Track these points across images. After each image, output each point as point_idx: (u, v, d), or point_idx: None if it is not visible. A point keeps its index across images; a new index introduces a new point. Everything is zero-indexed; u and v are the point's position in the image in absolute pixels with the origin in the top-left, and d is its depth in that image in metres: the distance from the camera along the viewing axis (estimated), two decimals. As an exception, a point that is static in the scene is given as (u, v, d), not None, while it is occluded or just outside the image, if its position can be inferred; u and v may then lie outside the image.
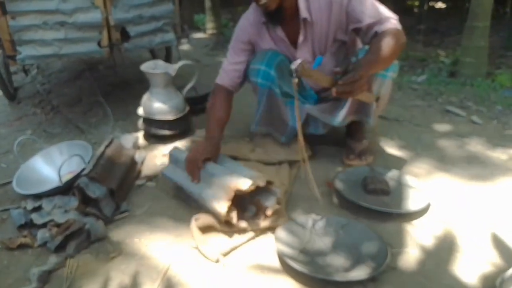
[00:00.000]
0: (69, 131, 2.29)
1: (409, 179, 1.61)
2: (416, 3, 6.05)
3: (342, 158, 1.82)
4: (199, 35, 5.07)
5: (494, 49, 3.76)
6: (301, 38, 1.64)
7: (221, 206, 1.32)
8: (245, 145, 1.89)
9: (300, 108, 1.73)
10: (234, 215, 1.33)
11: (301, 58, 1.39)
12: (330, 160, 1.83)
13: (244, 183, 1.33)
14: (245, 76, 1.76)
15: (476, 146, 1.96)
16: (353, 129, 1.85)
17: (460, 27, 4.22)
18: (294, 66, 1.24)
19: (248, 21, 1.72)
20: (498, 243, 1.29)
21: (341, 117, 1.63)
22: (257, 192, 1.39)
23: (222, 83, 1.74)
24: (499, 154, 1.87)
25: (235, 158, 1.78)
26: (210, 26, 5.00)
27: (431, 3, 6.02)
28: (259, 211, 1.39)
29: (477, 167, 1.75)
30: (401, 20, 1.50)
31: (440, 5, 6.37)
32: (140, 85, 2.79)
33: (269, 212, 1.35)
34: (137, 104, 2.11)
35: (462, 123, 2.23)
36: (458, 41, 3.95)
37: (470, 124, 2.23)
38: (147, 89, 2.06)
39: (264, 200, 1.39)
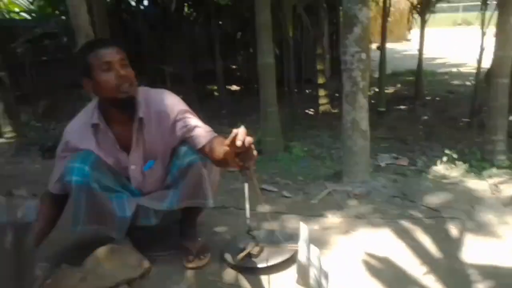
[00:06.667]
0: None
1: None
2: (215, 87, 6.79)
3: (183, 261, 1.83)
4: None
5: (285, 124, 4.52)
6: (134, 139, 1.70)
7: None
8: (73, 274, 1.68)
9: (129, 200, 1.76)
10: None
11: (133, 164, 1.69)
12: (170, 266, 1.82)
13: None
14: None
15: (292, 221, 2.22)
16: (186, 228, 1.93)
17: (254, 107, 4.93)
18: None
19: (74, 127, 1.74)
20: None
21: (170, 202, 1.74)
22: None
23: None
24: (313, 225, 2.16)
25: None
26: (7, 129, 4.39)
27: (227, 86, 6.87)
28: None
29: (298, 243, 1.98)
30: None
31: (235, 87, 7.34)
32: None
33: None
34: None
35: (277, 199, 2.55)
36: (257, 120, 4.60)
37: (282, 199, 2.56)
38: None
39: None
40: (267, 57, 3.42)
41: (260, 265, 1.76)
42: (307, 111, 5.54)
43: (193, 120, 1.73)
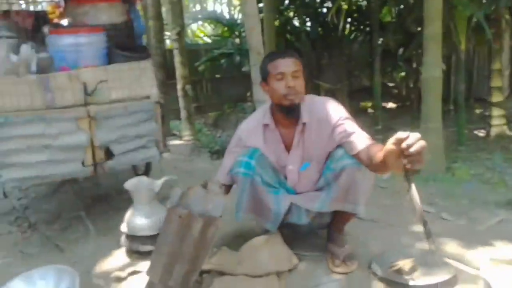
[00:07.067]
0: (47, 250, 2.19)
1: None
2: (369, 104, 6.64)
3: (328, 264, 1.86)
4: (175, 141, 5.27)
5: (448, 144, 4.13)
6: (295, 141, 1.82)
7: None
8: (231, 257, 1.88)
9: (285, 197, 1.88)
10: None
11: (291, 164, 1.79)
12: (316, 267, 1.87)
13: None
14: None
15: (452, 245, 2.02)
16: (334, 233, 1.95)
17: (411, 124, 4.64)
18: None
19: (248, 125, 1.94)
20: None
21: (321, 203, 1.79)
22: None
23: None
24: (477, 253, 1.92)
25: (221, 273, 1.78)
26: (186, 133, 5.27)
27: (382, 104, 6.65)
28: None
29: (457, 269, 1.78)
30: (359, 121, 1.72)
31: (391, 105, 7.04)
32: (121, 196, 2.79)
33: None
34: (119, 217, 2.10)
35: (433, 221, 2.34)
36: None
37: (440, 221, 2.35)
38: (128, 200, 2.08)
39: None
40: (434, 70, 3.21)
41: (411, 283, 1.66)
42: (475, 132, 4.94)
43: (352, 127, 1.75)
